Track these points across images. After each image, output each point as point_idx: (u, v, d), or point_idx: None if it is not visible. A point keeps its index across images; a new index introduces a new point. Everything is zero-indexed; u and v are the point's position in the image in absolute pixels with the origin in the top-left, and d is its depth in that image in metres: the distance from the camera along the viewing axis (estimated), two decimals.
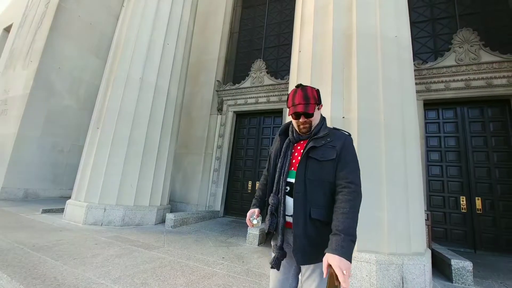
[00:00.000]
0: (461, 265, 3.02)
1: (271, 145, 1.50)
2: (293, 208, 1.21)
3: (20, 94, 7.33)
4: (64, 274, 2.28)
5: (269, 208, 1.28)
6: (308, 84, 3.26)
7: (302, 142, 1.34)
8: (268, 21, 8.30)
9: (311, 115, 1.28)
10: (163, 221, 5.20)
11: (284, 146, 1.36)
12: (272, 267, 1.27)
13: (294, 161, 1.30)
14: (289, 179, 1.27)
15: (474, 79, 5.03)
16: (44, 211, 5.08)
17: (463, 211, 4.92)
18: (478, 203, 4.85)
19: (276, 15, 8.28)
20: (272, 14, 8.35)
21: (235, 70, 8.34)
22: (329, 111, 2.97)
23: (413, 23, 6.45)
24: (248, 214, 1.35)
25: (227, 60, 8.25)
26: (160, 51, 5.44)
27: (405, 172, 2.81)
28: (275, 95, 6.87)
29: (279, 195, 1.27)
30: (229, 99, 7.52)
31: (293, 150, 1.34)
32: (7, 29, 11.79)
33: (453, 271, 3.02)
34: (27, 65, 7.62)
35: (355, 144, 2.74)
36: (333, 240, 1.04)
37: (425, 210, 3.95)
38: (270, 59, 7.84)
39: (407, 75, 3.21)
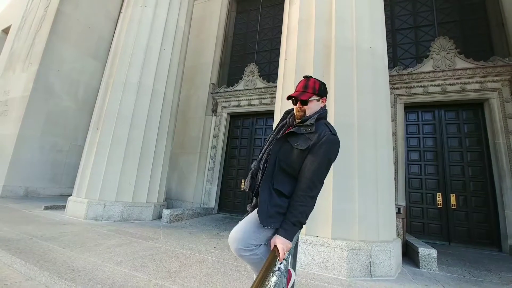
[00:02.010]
0: (427, 252, 3.38)
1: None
2: (261, 179, 1.43)
3: (20, 96, 7.57)
4: (72, 258, 2.59)
5: (250, 172, 1.54)
6: (292, 91, 3.61)
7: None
8: (261, 26, 8.65)
9: (305, 103, 1.42)
10: (159, 217, 5.51)
11: (280, 125, 1.57)
12: None
13: None
14: None
15: (449, 84, 5.43)
16: (47, 208, 5.35)
17: (439, 206, 5.31)
18: (453, 199, 5.25)
19: (268, 21, 8.63)
20: (265, 19, 8.70)
21: (229, 73, 8.68)
22: None
23: (397, 30, 6.88)
24: None
25: (222, 63, 8.57)
26: (157, 56, 5.73)
27: (375, 169, 3.17)
28: (267, 98, 7.21)
29: (260, 163, 1.50)
30: (223, 101, 7.84)
31: (285, 131, 1.50)
32: (5, 31, 11.96)
33: (420, 258, 3.38)
34: (27, 68, 7.85)
35: None
36: (282, 225, 1.33)
37: (397, 204, 4.33)
38: (263, 63, 8.18)
39: (380, 82, 3.57)
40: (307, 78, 1.49)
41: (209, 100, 8.04)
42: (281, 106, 3.82)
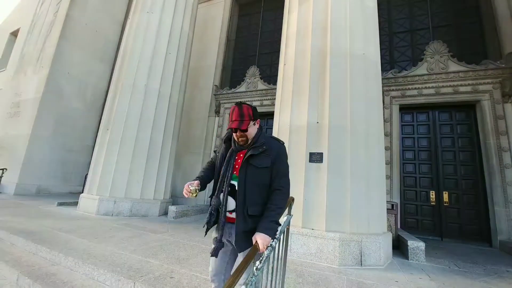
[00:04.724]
0: (415, 245, 3.63)
1: (218, 149, 1.74)
2: (236, 207, 1.49)
3: (32, 98, 7.92)
4: (91, 247, 2.89)
5: (209, 208, 1.55)
6: (290, 94, 3.89)
7: (244, 150, 1.57)
8: (262, 29, 8.91)
9: (245, 130, 1.51)
10: (165, 213, 5.81)
11: (228, 154, 1.60)
12: (212, 255, 1.53)
13: (237, 166, 1.55)
14: (232, 182, 1.52)
15: (443, 86, 5.64)
16: (59, 204, 5.68)
17: (432, 203, 5.55)
18: (446, 196, 5.48)
19: (270, 24, 8.89)
20: (266, 23, 8.95)
21: (232, 75, 8.96)
22: (306, 118, 3.58)
23: (394, 33, 7.10)
24: (188, 183, 1.54)
25: (224, 66, 8.85)
26: (162, 60, 6.03)
27: (367, 168, 3.42)
28: (268, 99, 7.48)
29: (220, 196, 1.52)
30: (225, 102, 8.12)
31: (236, 157, 1.58)
32: (14, 33, 12.36)
33: (409, 250, 3.63)
34: (38, 71, 8.20)
35: (326, 144, 3.38)
36: (261, 222, 1.42)
37: (390, 201, 4.59)
38: (264, 65, 8.45)
39: (372, 86, 3.82)
40: (239, 106, 1.53)
41: (212, 102, 8.32)
42: (280, 107, 4.10)
